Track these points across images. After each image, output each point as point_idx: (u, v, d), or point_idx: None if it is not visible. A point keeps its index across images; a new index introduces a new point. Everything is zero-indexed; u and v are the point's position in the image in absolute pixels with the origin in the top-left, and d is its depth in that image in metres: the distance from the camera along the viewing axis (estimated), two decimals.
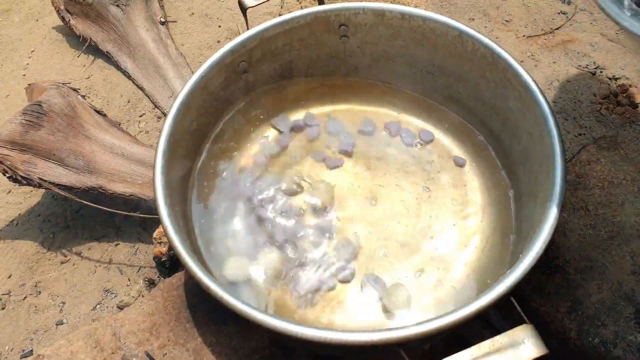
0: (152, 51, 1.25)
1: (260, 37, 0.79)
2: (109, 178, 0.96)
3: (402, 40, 0.83)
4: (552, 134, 0.65)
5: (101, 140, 0.99)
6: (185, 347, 0.72)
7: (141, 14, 1.29)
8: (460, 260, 0.73)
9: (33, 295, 0.98)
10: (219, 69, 0.77)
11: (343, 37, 0.84)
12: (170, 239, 0.60)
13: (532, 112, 0.69)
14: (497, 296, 0.52)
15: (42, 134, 0.93)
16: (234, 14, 1.43)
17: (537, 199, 0.66)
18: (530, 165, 0.70)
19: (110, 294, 0.98)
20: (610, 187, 0.82)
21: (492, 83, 0.77)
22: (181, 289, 0.78)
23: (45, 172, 0.93)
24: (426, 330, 0.50)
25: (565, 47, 1.32)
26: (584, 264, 0.75)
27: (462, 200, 0.78)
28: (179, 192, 0.72)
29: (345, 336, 0.51)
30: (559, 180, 0.60)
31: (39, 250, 1.03)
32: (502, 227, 0.74)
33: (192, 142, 0.77)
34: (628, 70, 1.26)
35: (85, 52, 1.32)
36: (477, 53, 0.76)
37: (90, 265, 1.01)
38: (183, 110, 0.72)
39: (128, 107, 1.23)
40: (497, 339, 0.51)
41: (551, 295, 0.73)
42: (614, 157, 0.85)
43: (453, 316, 0.51)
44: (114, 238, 1.04)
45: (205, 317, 0.75)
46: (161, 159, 0.67)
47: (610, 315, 0.71)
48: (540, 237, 0.56)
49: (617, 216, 0.79)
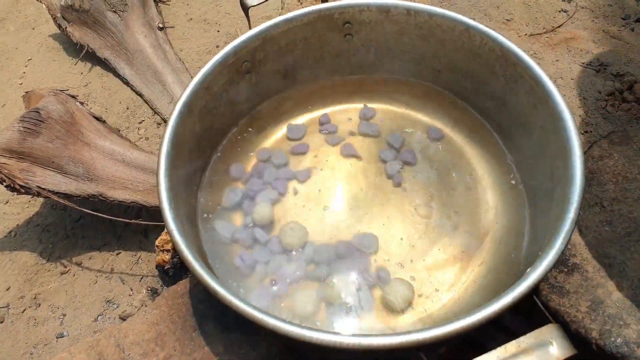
0: (150, 57, 1.23)
1: (264, 36, 0.77)
2: (110, 185, 0.94)
3: (407, 37, 0.81)
4: (568, 126, 0.63)
5: (101, 147, 0.97)
6: (192, 357, 0.70)
7: (139, 19, 1.27)
8: (473, 260, 0.70)
9: (32, 307, 0.95)
10: (222, 69, 0.75)
11: (347, 35, 0.83)
12: (175, 242, 0.58)
13: (545, 106, 0.68)
14: (522, 293, 0.50)
15: (40, 141, 0.91)
16: (233, 18, 1.41)
17: (553, 195, 0.64)
18: (544, 161, 0.68)
19: (112, 304, 0.95)
20: (625, 182, 0.80)
21: (502, 78, 0.75)
22: (186, 297, 0.75)
23: (44, 180, 0.91)
24: (451, 331, 0.48)
25: (568, 44, 1.31)
26: (602, 262, 0.73)
27: (474, 200, 0.76)
28: (184, 197, 0.70)
29: (365, 340, 0.49)
30: (579, 172, 0.58)
31: (38, 261, 1.00)
32: (516, 226, 0.72)
33: (196, 145, 0.74)
34: (632, 67, 1.24)
35: (83, 60, 1.30)
36: (485, 47, 0.75)
37: (91, 276, 0.98)
38: (185, 111, 0.70)
39: (127, 114, 1.21)
40: (523, 339, 0.48)
41: (570, 294, 0.71)
42: (627, 152, 0.83)
43: (478, 316, 0.49)
44: (115, 247, 1.01)
45: (213, 325, 0.72)
46: (165, 161, 0.64)
47: (633, 313, 0.68)
48: (563, 230, 0.54)
49: (634, 212, 0.77)
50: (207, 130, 0.76)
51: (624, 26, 1.33)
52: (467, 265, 0.70)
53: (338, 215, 0.75)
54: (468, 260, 0.70)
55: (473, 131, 0.82)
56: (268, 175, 0.79)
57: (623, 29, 1.32)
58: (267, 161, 0.81)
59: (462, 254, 0.71)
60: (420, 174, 0.78)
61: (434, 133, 0.82)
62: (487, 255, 0.70)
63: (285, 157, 0.81)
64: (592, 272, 0.72)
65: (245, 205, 0.77)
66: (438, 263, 0.70)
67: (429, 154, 0.80)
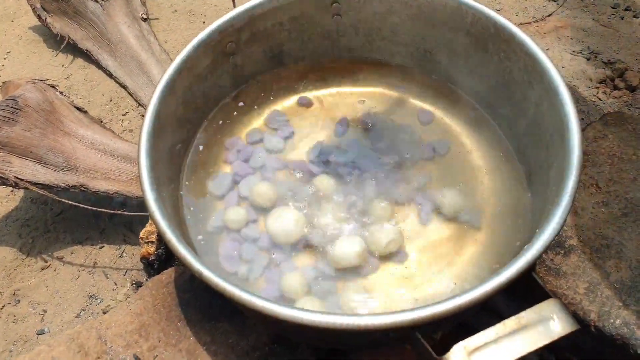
0: (134, 47, 1.20)
1: (249, 15, 0.75)
2: (92, 175, 0.91)
3: (397, 16, 0.79)
4: (564, 100, 0.61)
5: (82, 136, 0.93)
6: (177, 348, 0.67)
7: (121, 9, 1.24)
8: (469, 241, 0.68)
9: (12, 304, 0.91)
10: (205, 49, 0.72)
11: (335, 15, 0.80)
12: (156, 224, 0.55)
13: (540, 82, 0.66)
14: (523, 266, 0.47)
15: (17, 130, 0.87)
16: (219, 10, 1.38)
17: (550, 171, 0.62)
18: (540, 138, 0.66)
19: (96, 299, 0.91)
20: (620, 162, 0.78)
21: (495, 56, 0.73)
22: (171, 286, 0.72)
23: (22, 170, 0.87)
24: (454, 306, 0.45)
25: (558, 33, 1.30)
26: (599, 243, 0.71)
27: (470, 182, 0.73)
28: (167, 179, 0.67)
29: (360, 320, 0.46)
30: (577, 145, 0.56)
31: (17, 256, 0.97)
32: (513, 206, 0.70)
33: (179, 127, 0.71)
34: (623, 54, 1.24)
35: (64, 52, 1.26)
36: (477, 25, 0.73)
37: (73, 270, 0.95)
38: (168, 91, 0.67)
39: (110, 106, 1.18)
40: (523, 315, 0.46)
41: (568, 276, 0.69)
42: (622, 133, 0.82)
43: (477, 291, 0.46)
44: (98, 241, 0.98)
45: (199, 314, 0.69)
46: (146, 142, 0.62)
47: (632, 294, 0.67)
48: (562, 203, 0.52)
49: (630, 192, 0.75)
50: (191, 111, 0.74)
51: (614, 14, 1.32)
52: (462, 246, 0.68)
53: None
54: (463, 241, 0.68)
55: (465, 113, 0.79)
56: (255, 160, 0.76)
57: (613, 17, 1.32)
58: (256, 144, 0.78)
59: (457, 235, 0.69)
60: (413, 156, 0.76)
61: (424, 116, 0.80)
62: (484, 237, 0.68)
63: (276, 141, 0.78)
64: (589, 253, 0.71)
65: (231, 191, 0.74)
66: (434, 244, 0.68)
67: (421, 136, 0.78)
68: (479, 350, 0.45)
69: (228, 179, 0.74)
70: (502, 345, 0.45)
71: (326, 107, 0.82)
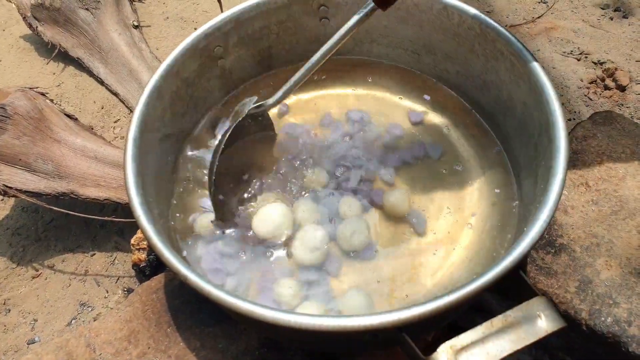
0: (125, 55, 1.20)
1: (236, 19, 0.75)
2: (82, 182, 0.90)
3: (385, 19, 0.79)
4: (550, 99, 0.61)
5: (72, 144, 0.93)
6: (167, 354, 0.66)
7: (112, 17, 1.24)
8: (459, 241, 0.68)
9: (2, 313, 0.91)
10: (193, 53, 0.72)
11: (323, 18, 0.80)
12: (142, 228, 0.55)
13: (527, 81, 0.66)
14: (508, 265, 0.47)
15: (6, 138, 0.87)
16: (210, 16, 1.38)
17: (538, 170, 0.62)
18: (527, 136, 0.66)
19: (87, 307, 0.91)
20: (609, 161, 0.78)
21: (482, 57, 0.73)
22: (161, 292, 0.72)
23: (11, 178, 0.87)
24: (439, 306, 0.45)
25: (549, 34, 1.30)
26: (589, 241, 0.71)
27: (459, 183, 0.73)
28: (154, 183, 0.66)
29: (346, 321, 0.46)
30: (563, 143, 0.56)
31: (7, 265, 0.96)
32: (502, 205, 0.70)
33: (166, 133, 0.71)
34: (613, 54, 1.24)
35: (55, 60, 1.26)
36: (463, 25, 0.73)
37: (64, 279, 0.94)
38: (155, 96, 0.67)
39: (102, 114, 1.18)
40: (510, 313, 0.46)
41: (558, 275, 0.69)
42: (611, 132, 0.82)
43: (462, 291, 0.46)
44: (89, 248, 0.97)
45: (188, 320, 0.68)
46: (132, 147, 0.61)
47: (622, 292, 0.66)
48: (549, 202, 0.51)
49: (619, 190, 0.75)
50: (179, 116, 0.73)
51: (603, 15, 1.33)
52: (452, 248, 0.67)
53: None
54: (453, 242, 0.68)
55: (454, 113, 0.79)
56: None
57: (602, 18, 1.32)
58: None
59: (446, 236, 0.69)
60: (403, 157, 0.76)
61: (415, 116, 0.80)
62: (473, 237, 0.68)
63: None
64: (579, 252, 0.70)
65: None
66: (422, 244, 0.68)
67: (411, 136, 0.78)
68: (466, 350, 0.45)
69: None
70: (488, 344, 0.45)
71: (316, 108, 0.83)
